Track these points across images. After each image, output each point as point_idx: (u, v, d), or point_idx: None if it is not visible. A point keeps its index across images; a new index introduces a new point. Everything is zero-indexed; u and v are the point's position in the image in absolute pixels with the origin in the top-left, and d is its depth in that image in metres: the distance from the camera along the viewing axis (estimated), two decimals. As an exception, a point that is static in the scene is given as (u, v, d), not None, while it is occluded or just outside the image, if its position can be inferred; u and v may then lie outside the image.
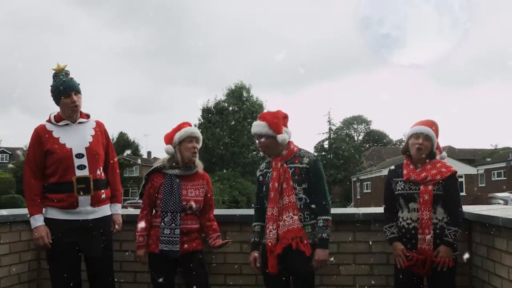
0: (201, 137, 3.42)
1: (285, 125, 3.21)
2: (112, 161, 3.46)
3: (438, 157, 3.18)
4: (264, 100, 46.60)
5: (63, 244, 3.15)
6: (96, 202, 3.24)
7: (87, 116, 3.40)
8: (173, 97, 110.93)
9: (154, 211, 3.36)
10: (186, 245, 3.23)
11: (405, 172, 3.15)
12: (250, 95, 44.52)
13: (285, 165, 3.15)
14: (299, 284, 3.10)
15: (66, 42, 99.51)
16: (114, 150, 3.57)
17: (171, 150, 3.32)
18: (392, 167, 3.28)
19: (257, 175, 3.35)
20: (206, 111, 43.93)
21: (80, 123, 3.33)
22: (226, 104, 43.85)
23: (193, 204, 3.28)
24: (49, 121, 3.30)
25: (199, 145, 3.39)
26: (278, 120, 3.16)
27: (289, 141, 3.21)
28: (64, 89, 3.21)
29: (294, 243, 3.00)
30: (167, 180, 3.29)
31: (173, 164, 3.32)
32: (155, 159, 58.86)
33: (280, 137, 3.12)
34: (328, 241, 3.06)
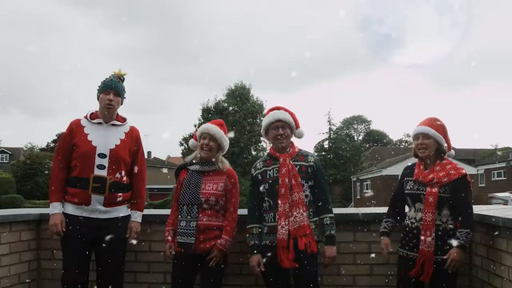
0: (217, 134, 3.33)
1: None
2: (139, 168, 3.46)
3: (449, 153, 3.18)
4: (264, 100, 46.58)
5: (75, 239, 3.20)
6: (109, 203, 3.27)
7: (123, 120, 3.45)
8: (173, 97, 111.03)
9: None
10: (202, 244, 3.21)
11: (415, 172, 3.17)
12: (250, 95, 44.49)
13: (291, 162, 3.21)
14: (304, 283, 3.09)
15: (65, 42, 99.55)
16: (144, 159, 3.58)
17: (194, 145, 3.45)
18: (408, 165, 3.31)
19: (254, 174, 3.31)
20: (206, 111, 43.89)
21: (113, 125, 3.38)
22: (226, 104, 43.83)
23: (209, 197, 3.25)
24: (85, 117, 3.39)
25: (217, 144, 3.34)
26: (295, 116, 3.32)
27: (292, 141, 3.32)
28: (105, 86, 3.33)
29: (304, 242, 3.04)
30: (189, 174, 3.36)
31: (193, 161, 3.40)
32: (156, 159, 58.86)
33: (300, 131, 3.29)
34: (335, 238, 3.15)
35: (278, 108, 3.31)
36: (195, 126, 43.23)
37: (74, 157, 3.27)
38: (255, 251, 3.19)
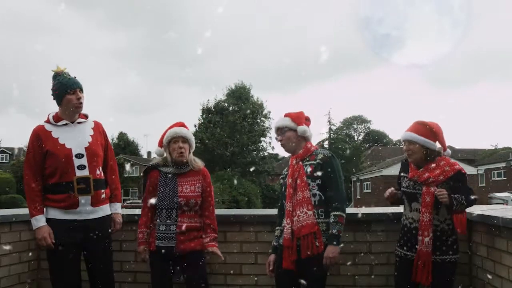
0: (188, 135, 3.33)
1: (307, 125, 3.29)
2: (111, 161, 3.47)
3: (446, 153, 3.16)
4: (264, 100, 46.61)
5: (64, 244, 3.15)
6: (96, 202, 3.24)
7: (85, 117, 3.40)
8: (173, 97, 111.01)
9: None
10: (182, 245, 3.21)
11: (410, 170, 3.16)
12: (251, 95, 44.47)
13: (300, 163, 3.19)
14: (310, 283, 3.08)
15: (64, 43, 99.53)
16: (113, 150, 3.58)
17: (160, 152, 3.34)
18: (404, 159, 3.29)
19: (280, 177, 3.41)
20: (206, 111, 43.90)
21: (79, 123, 3.32)
22: (226, 104, 43.83)
23: (189, 199, 3.25)
24: (47, 121, 3.29)
25: (188, 144, 3.33)
26: (301, 115, 3.27)
27: (307, 141, 3.26)
28: (70, 85, 3.22)
29: (307, 242, 3.02)
30: (162, 177, 3.31)
31: (166, 164, 3.34)
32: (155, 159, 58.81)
33: (300, 128, 3.20)
34: (339, 237, 3.03)
35: (285, 115, 3.30)
36: (195, 126, 43.24)
37: (48, 164, 3.19)
38: (272, 252, 3.29)
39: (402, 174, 3.24)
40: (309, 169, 3.15)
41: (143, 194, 3.41)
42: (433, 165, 3.07)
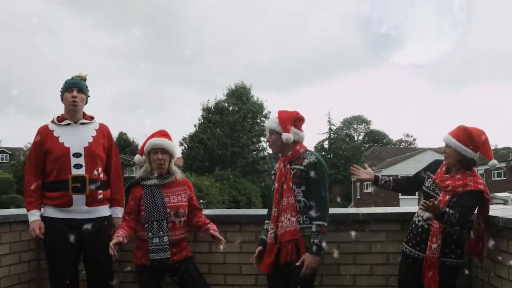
0: (170, 147, 3.30)
1: (298, 127, 3.19)
2: (114, 164, 3.48)
3: (490, 163, 3.04)
4: (264, 100, 46.60)
5: (60, 243, 3.18)
6: (91, 202, 3.26)
7: (91, 118, 3.44)
8: (172, 97, 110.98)
9: (140, 223, 3.31)
10: (176, 256, 3.25)
11: (438, 172, 3.14)
12: (251, 95, 44.47)
13: (288, 166, 3.15)
14: (297, 286, 3.09)
15: (63, 43, 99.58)
16: (118, 154, 3.59)
17: (140, 160, 3.32)
18: (436, 160, 3.27)
19: (271, 173, 3.38)
20: (206, 111, 43.89)
21: (82, 124, 3.37)
22: (226, 104, 43.83)
23: (179, 209, 3.29)
24: (52, 121, 3.37)
25: (169, 155, 3.30)
26: (288, 119, 3.14)
27: (297, 143, 3.18)
28: (68, 84, 3.32)
29: (287, 248, 3.03)
30: (147, 190, 3.26)
31: (148, 175, 3.31)
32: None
33: (284, 135, 3.10)
34: (320, 248, 3.00)
35: (277, 115, 3.24)
36: (195, 126, 43.24)
37: (48, 162, 3.25)
38: (259, 245, 3.27)
39: (428, 173, 3.23)
40: (296, 175, 3.10)
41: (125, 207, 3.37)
42: (459, 175, 3.02)
